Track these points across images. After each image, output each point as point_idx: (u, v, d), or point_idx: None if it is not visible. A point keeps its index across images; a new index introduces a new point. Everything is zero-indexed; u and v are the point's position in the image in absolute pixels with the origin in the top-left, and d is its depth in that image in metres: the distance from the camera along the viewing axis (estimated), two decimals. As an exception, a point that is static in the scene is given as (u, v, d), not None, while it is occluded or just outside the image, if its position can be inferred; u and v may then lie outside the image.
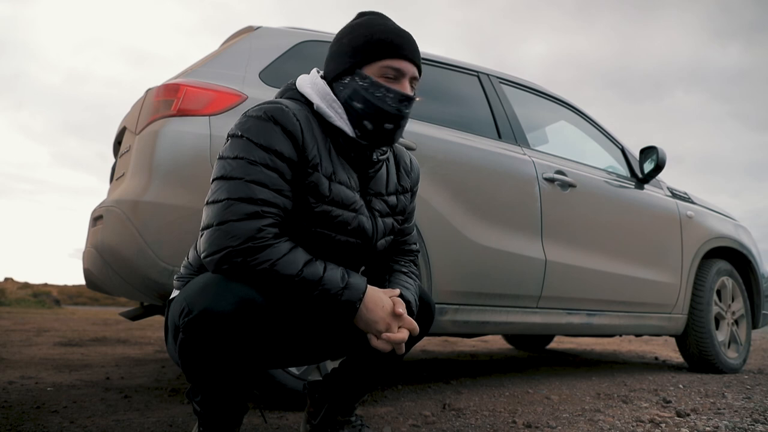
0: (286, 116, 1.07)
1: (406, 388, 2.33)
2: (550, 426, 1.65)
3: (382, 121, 1.14)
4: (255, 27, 2.10)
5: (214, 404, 1.08)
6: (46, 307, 11.81)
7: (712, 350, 3.04)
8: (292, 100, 1.15)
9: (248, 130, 1.05)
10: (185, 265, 1.20)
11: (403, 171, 1.32)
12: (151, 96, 1.84)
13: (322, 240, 1.11)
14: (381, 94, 1.13)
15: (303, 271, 1.01)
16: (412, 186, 1.34)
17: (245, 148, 1.04)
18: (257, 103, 1.12)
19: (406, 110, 1.16)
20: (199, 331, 0.96)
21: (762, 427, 1.66)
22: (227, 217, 0.98)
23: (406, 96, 1.14)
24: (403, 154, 1.36)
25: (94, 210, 1.92)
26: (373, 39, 1.14)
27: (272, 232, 1.00)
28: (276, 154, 1.04)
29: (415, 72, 1.17)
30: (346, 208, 1.13)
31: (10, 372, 2.63)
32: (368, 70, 1.14)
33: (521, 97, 2.76)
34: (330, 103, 1.15)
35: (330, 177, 1.11)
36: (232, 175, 1.02)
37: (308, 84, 1.19)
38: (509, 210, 2.33)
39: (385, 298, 1.10)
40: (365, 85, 1.13)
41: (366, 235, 1.17)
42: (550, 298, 2.43)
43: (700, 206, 3.30)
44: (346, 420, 1.34)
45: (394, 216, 1.27)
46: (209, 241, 0.99)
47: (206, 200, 1.04)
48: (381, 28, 1.16)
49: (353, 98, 1.14)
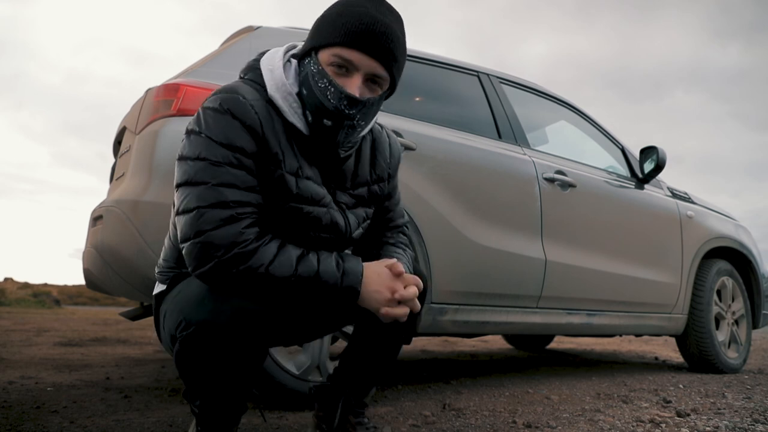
0: (243, 109, 0.98)
1: (406, 388, 2.33)
2: (550, 426, 1.65)
3: (321, 115, 1.01)
4: (255, 27, 2.10)
5: (212, 406, 1.07)
6: (46, 307, 11.81)
7: (712, 350, 3.04)
8: (252, 84, 1.06)
9: (207, 126, 0.98)
10: (164, 257, 1.16)
11: (381, 159, 1.22)
12: (151, 96, 1.84)
13: (296, 237, 1.06)
14: (323, 86, 1.00)
15: (298, 269, 0.97)
16: (390, 173, 1.25)
17: (206, 146, 0.96)
18: (213, 91, 1.04)
19: (348, 111, 1.01)
20: (198, 344, 0.95)
21: (762, 427, 1.66)
22: (202, 227, 0.93)
23: (347, 95, 0.99)
24: (382, 139, 1.24)
25: (94, 210, 1.92)
26: (335, 20, 1.01)
27: (253, 232, 0.96)
28: (239, 151, 0.97)
29: (376, 69, 1.01)
30: (316, 203, 1.07)
31: (10, 372, 2.63)
32: (321, 55, 1.02)
33: (521, 97, 2.75)
34: (284, 95, 1.04)
35: (296, 173, 1.04)
36: (197, 179, 0.95)
37: (268, 66, 1.07)
38: (509, 210, 2.33)
39: (381, 267, 1.05)
40: (314, 71, 1.02)
41: (339, 230, 1.12)
42: (550, 298, 2.43)
43: (701, 206, 3.30)
44: (359, 421, 1.31)
45: (364, 206, 1.19)
46: (192, 255, 0.95)
47: (176, 209, 0.98)
48: (354, 9, 1.00)
49: (303, 83, 1.04)
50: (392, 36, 1.01)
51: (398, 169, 1.29)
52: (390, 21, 1.02)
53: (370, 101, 1.03)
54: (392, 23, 1.02)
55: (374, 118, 1.16)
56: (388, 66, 1.03)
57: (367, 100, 1.03)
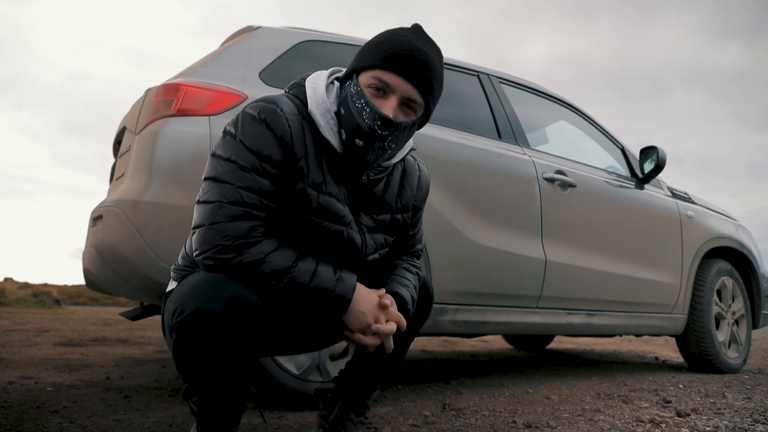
0: (278, 120, 1.04)
1: (406, 388, 2.33)
2: (550, 426, 1.65)
3: (354, 134, 1.06)
4: (255, 27, 2.10)
5: (210, 404, 1.08)
6: (46, 307, 11.81)
7: (712, 350, 3.04)
8: (294, 99, 1.11)
9: (243, 131, 1.04)
10: (183, 255, 1.20)
11: (408, 189, 1.26)
12: (151, 96, 1.84)
13: (311, 250, 1.09)
14: (360, 106, 1.05)
15: (297, 263, 1.02)
16: (416, 205, 1.29)
17: (237, 150, 1.03)
18: (258, 97, 1.10)
19: (381, 132, 1.05)
20: (192, 331, 0.96)
21: (762, 427, 1.66)
22: (218, 218, 0.99)
23: (381, 116, 1.04)
24: (413, 170, 1.29)
25: (94, 210, 1.92)
26: (377, 46, 1.08)
27: (262, 231, 1.02)
28: (266, 160, 1.03)
29: (411, 93, 1.06)
30: (336, 221, 1.10)
31: (10, 372, 2.63)
32: (362, 78, 1.07)
33: (521, 97, 2.75)
34: (323, 112, 1.09)
35: (319, 188, 1.08)
36: (223, 178, 1.02)
37: (312, 84, 1.13)
38: (509, 210, 2.33)
39: (372, 293, 1.11)
40: (353, 92, 1.07)
41: (355, 248, 1.15)
42: (550, 298, 2.43)
43: (701, 206, 3.30)
44: (360, 420, 1.33)
45: (385, 232, 1.22)
46: (201, 239, 1.01)
47: (198, 198, 1.05)
48: (396, 38, 1.07)
49: (341, 104, 1.09)
50: (431, 65, 1.07)
51: (425, 202, 1.33)
52: (429, 51, 1.07)
53: (402, 125, 1.07)
54: (431, 54, 1.08)
55: (406, 146, 1.20)
56: (424, 93, 1.07)
57: (401, 123, 1.06)
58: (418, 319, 1.28)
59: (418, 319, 1.29)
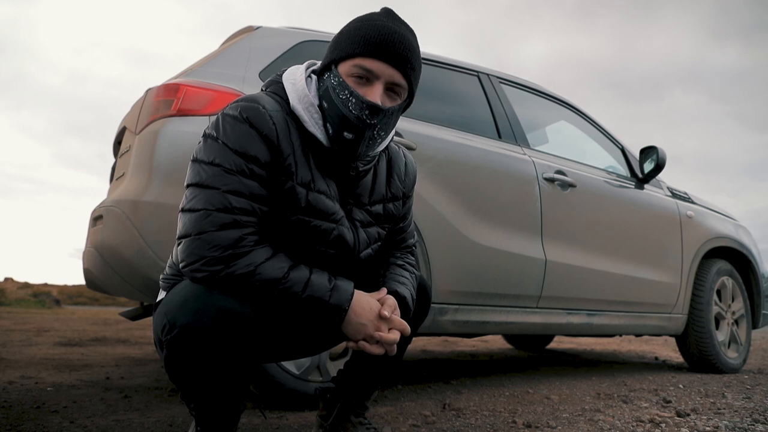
0: (261, 118, 0.99)
1: (406, 388, 2.33)
2: (550, 426, 1.65)
3: (342, 128, 1.02)
4: (255, 27, 2.10)
5: (208, 408, 1.07)
6: (46, 307, 11.81)
7: (712, 350, 3.04)
8: (274, 96, 1.07)
9: (224, 132, 0.99)
10: (170, 264, 1.16)
11: (396, 177, 1.23)
12: (151, 96, 1.84)
13: (302, 251, 1.06)
14: (344, 97, 1.01)
15: (289, 273, 0.97)
16: (405, 193, 1.26)
17: (221, 153, 0.98)
18: (236, 99, 1.06)
19: (370, 121, 1.02)
20: (182, 347, 0.95)
21: (762, 427, 1.66)
22: (205, 227, 0.94)
23: (369, 104, 1.01)
24: (398, 158, 1.26)
25: (94, 210, 1.92)
26: (353, 33, 1.04)
27: (253, 239, 0.97)
28: (253, 161, 0.98)
29: (395, 77, 1.03)
30: (326, 218, 1.07)
31: (10, 372, 2.63)
32: (341, 68, 1.03)
33: (521, 97, 2.76)
34: (306, 106, 1.05)
35: (308, 185, 1.04)
36: (208, 183, 0.96)
37: (290, 80, 1.09)
38: (509, 210, 2.33)
39: (373, 300, 1.06)
40: (334, 84, 1.03)
41: (347, 246, 1.11)
42: (550, 298, 2.43)
43: (700, 206, 3.30)
44: (359, 421, 1.32)
45: (379, 225, 1.20)
46: (188, 250, 0.95)
47: (181, 207, 0.99)
48: (372, 23, 1.04)
49: (323, 97, 1.05)
50: (409, 45, 1.05)
51: (413, 190, 1.30)
52: (406, 33, 1.05)
53: (390, 110, 1.05)
54: (407, 34, 1.06)
55: (392, 132, 1.18)
56: (407, 74, 1.05)
57: (388, 108, 1.04)
58: (416, 319, 1.28)
59: (417, 319, 1.28)
